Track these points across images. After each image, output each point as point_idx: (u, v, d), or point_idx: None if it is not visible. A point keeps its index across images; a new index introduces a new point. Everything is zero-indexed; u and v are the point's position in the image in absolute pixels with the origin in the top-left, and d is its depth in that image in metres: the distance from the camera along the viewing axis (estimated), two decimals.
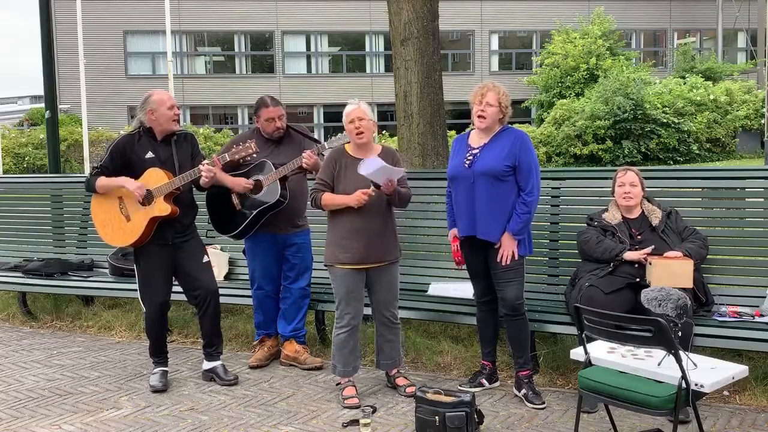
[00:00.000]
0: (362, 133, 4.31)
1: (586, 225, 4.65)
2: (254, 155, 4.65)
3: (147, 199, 4.51)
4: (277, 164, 4.77)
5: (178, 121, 4.67)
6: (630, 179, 4.53)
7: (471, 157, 4.25)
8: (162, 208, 4.50)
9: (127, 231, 4.59)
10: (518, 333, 4.32)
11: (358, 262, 4.30)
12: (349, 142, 4.45)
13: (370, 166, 4.13)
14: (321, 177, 4.40)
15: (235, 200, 4.88)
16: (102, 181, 4.60)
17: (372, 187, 4.21)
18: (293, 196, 4.83)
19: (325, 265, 4.42)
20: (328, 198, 4.32)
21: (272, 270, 5.02)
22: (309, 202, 4.42)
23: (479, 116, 4.23)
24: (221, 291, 4.90)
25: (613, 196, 4.61)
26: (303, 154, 4.70)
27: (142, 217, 4.53)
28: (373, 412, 4.10)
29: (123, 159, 4.60)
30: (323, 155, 4.68)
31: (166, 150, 4.63)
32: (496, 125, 4.27)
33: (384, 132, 24.25)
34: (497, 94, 4.21)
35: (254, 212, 4.80)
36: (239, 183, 4.80)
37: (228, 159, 4.61)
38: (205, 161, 4.53)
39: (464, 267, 4.50)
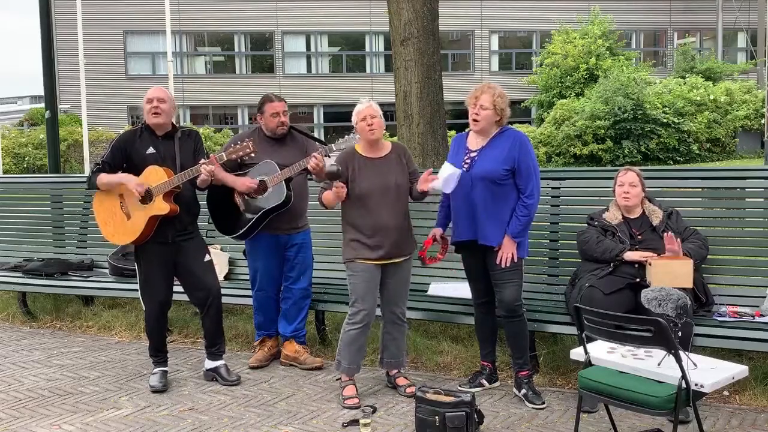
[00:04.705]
0: (374, 129, 4.35)
1: (586, 225, 4.65)
2: (252, 155, 4.62)
3: (147, 197, 4.51)
4: (280, 164, 4.76)
5: (161, 114, 4.53)
6: (630, 179, 4.52)
7: (469, 161, 4.24)
8: (161, 206, 4.48)
9: (127, 229, 4.58)
10: (517, 334, 4.31)
11: (381, 258, 4.32)
12: (356, 143, 4.47)
13: (449, 180, 4.12)
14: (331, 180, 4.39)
15: (239, 201, 4.87)
16: (103, 178, 4.58)
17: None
18: (296, 196, 4.82)
19: (345, 262, 4.41)
20: (326, 194, 4.36)
21: (273, 271, 5.01)
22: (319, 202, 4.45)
23: (473, 120, 4.22)
24: (221, 291, 4.90)
25: (614, 196, 4.61)
26: (312, 156, 4.65)
27: (142, 215, 4.52)
28: (373, 412, 4.10)
29: (124, 155, 4.60)
30: (330, 157, 4.67)
31: (168, 146, 4.61)
32: (493, 127, 4.25)
33: (384, 132, 24.17)
34: (492, 96, 4.18)
35: (259, 213, 4.78)
36: (243, 183, 4.78)
37: (225, 158, 4.58)
38: (202, 160, 4.50)
39: (431, 266, 4.53)
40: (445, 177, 4.12)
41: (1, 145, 20.10)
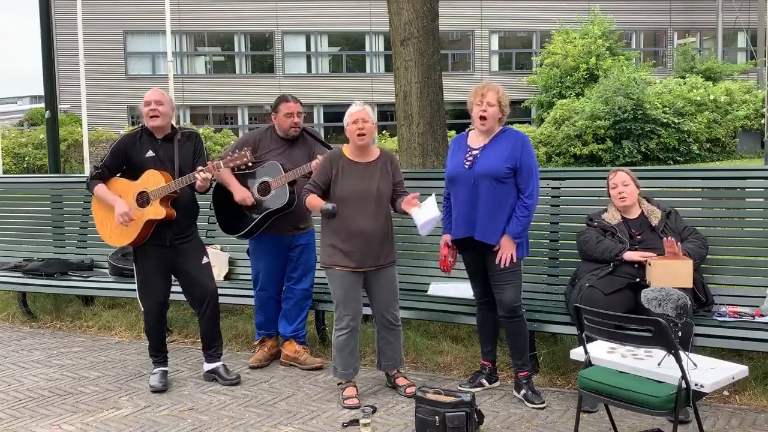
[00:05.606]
0: (364, 134, 4.32)
1: (585, 225, 4.65)
2: (249, 164, 4.62)
3: (144, 200, 4.52)
4: (287, 166, 4.77)
5: (159, 117, 4.53)
6: (621, 179, 4.53)
7: (471, 159, 4.24)
8: (157, 211, 4.49)
9: (123, 231, 4.58)
10: (516, 335, 4.31)
11: (356, 266, 4.31)
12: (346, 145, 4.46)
13: (429, 224, 4.15)
14: (315, 179, 4.38)
15: None
16: (99, 192, 4.61)
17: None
18: (299, 199, 4.82)
19: (323, 267, 4.42)
20: (312, 200, 4.32)
21: (276, 271, 5.01)
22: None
23: (481, 117, 4.21)
24: (221, 291, 4.90)
25: (610, 199, 4.61)
26: (316, 159, 4.67)
27: (139, 218, 4.52)
28: (373, 412, 4.10)
29: (124, 158, 4.61)
30: None
31: (167, 149, 4.61)
32: (496, 125, 4.26)
33: (384, 132, 24.23)
34: (497, 94, 4.20)
35: (261, 215, 4.80)
36: (240, 193, 4.78)
37: (222, 166, 4.58)
38: (199, 167, 4.48)
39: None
40: (427, 220, 4.14)
41: (1, 145, 20.12)
